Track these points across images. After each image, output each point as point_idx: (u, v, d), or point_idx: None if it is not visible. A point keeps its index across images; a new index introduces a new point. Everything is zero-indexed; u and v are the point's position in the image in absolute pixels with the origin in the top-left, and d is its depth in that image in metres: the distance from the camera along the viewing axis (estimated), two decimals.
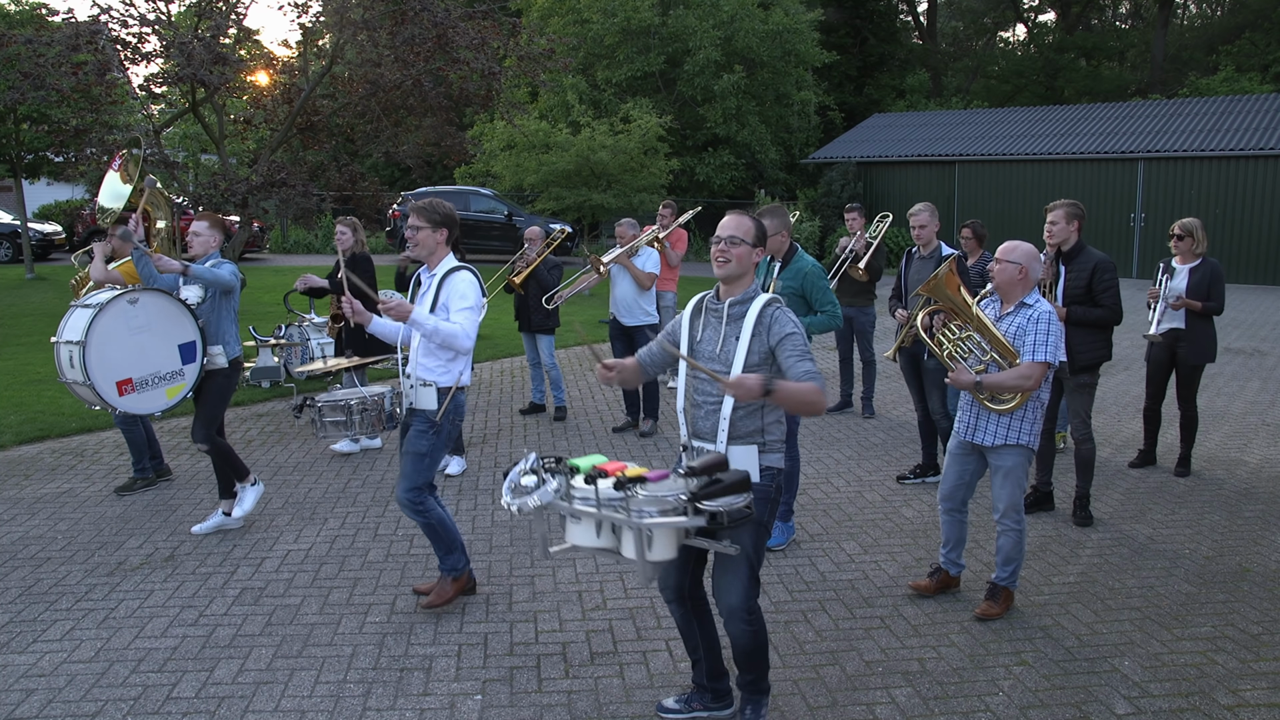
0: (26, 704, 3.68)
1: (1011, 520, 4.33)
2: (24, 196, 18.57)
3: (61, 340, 5.16)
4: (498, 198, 22.27)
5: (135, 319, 5.18)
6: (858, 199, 22.64)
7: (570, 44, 19.78)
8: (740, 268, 3.30)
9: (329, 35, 13.42)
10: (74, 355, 5.08)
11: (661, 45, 25.36)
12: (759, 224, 3.33)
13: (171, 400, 5.37)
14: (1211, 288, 6.23)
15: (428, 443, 4.33)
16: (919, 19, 42.25)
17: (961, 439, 4.43)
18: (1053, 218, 5.48)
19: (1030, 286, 4.34)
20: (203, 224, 5.52)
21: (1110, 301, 5.36)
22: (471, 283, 4.34)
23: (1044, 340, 4.16)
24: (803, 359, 3.19)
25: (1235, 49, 33.60)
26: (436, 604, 4.43)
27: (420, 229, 4.31)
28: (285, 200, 11.04)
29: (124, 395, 5.17)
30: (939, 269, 4.51)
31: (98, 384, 5.07)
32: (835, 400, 8.56)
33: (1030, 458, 4.32)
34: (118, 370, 5.15)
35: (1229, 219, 19.48)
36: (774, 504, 3.33)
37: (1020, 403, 4.20)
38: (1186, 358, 6.37)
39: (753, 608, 3.30)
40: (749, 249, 3.29)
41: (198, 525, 5.52)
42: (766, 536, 3.34)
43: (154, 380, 5.27)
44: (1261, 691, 3.76)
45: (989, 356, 4.31)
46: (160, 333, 5.27)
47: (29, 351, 10.92)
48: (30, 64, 10.40)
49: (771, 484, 3.30)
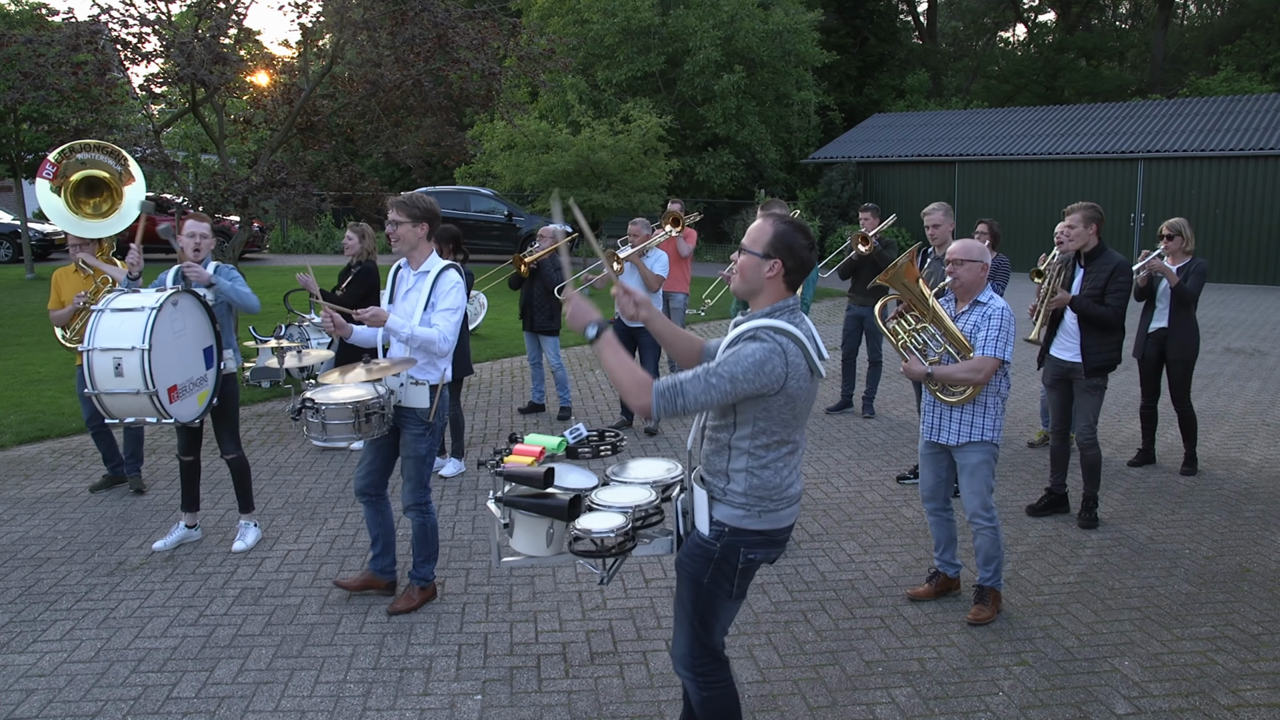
0: (26, 704, 3.68)
1: (983, 518, 4.35)
2: (24, 196, 18.58)
3: (98, 348, 4.51)
4: (498, 198, 22.26)
5: (177, 322, 4.77)
6: (858, 199, 22.65)
7: (570, 44, 19.78)
8: (746, 283, 2.80)
9: (329, 35, 13.41)
10: (125, 362, 4.50)
11: (662, 45, 25.35)
12: (783, 230, 2.76)
13: (202, 407, 4.94)
14: (1192, 278, 6.35)
15: (426, 444, 4.36)
16: (919, 19, 42.26)
17: (927, 439, 4.48)
18: (1071, 221, 5.47)
19: (985, 284, 4.39)
20: (204, 226, 5.31)
21: (1116, 303, 5.38)
22: (457, 284, 4.33)
23: (996, 336, 4.22)
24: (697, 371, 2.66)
25: (1235, 49, 33.60)
26: (403, 609, 4.44)
27: (400, 224, 4.25)
28: (285, 200, 11.02)
29: (174, 402, 4.69)
30: (898, 258, 4.53)
31: (161, 393, 4.54)
32: (835, 400, 8.57)
33: (995, 454, 4.35)
34: (168, 376, 4.66)
35: (1229, 219, 19.48)
36: (721, 565, 2.80)
37: (971, 396, 4.24)
38: (1174, 354, 6.46)
39: (701, 671, 2.90)
40: (758, 260, 2.76)
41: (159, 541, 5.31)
42: (712, 599, 2.85)
43: (190, 386, 4.84)
44: (1261, 691, 3.76)
45: (942, 349, 4.36)
46: (192, 336, 4.90)
47: (29, 351, 10.92)
48: (30, 64, 10.38)
49: (716, 542, 2.79)
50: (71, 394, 8.82)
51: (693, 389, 2.63)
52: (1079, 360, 5.51)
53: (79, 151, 5.69)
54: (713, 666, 2.92)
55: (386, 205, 4.34)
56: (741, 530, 2.79)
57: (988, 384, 4.25)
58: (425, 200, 4.31)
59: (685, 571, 2.88)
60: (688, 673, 2.94)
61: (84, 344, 4.56)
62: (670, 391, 2.64)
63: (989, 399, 4.28)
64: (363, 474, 4.49)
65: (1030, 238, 19.93)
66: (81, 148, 5.71)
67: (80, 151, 5.66)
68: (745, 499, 2.78)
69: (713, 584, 2.83)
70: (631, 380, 2.68)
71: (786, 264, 2.75)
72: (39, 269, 18.76)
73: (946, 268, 4.41)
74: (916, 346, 4.47)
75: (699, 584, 2.84)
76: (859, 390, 8.49)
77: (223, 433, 5.27)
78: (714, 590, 2.84)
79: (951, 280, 4.39)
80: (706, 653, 2.91)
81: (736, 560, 2.81)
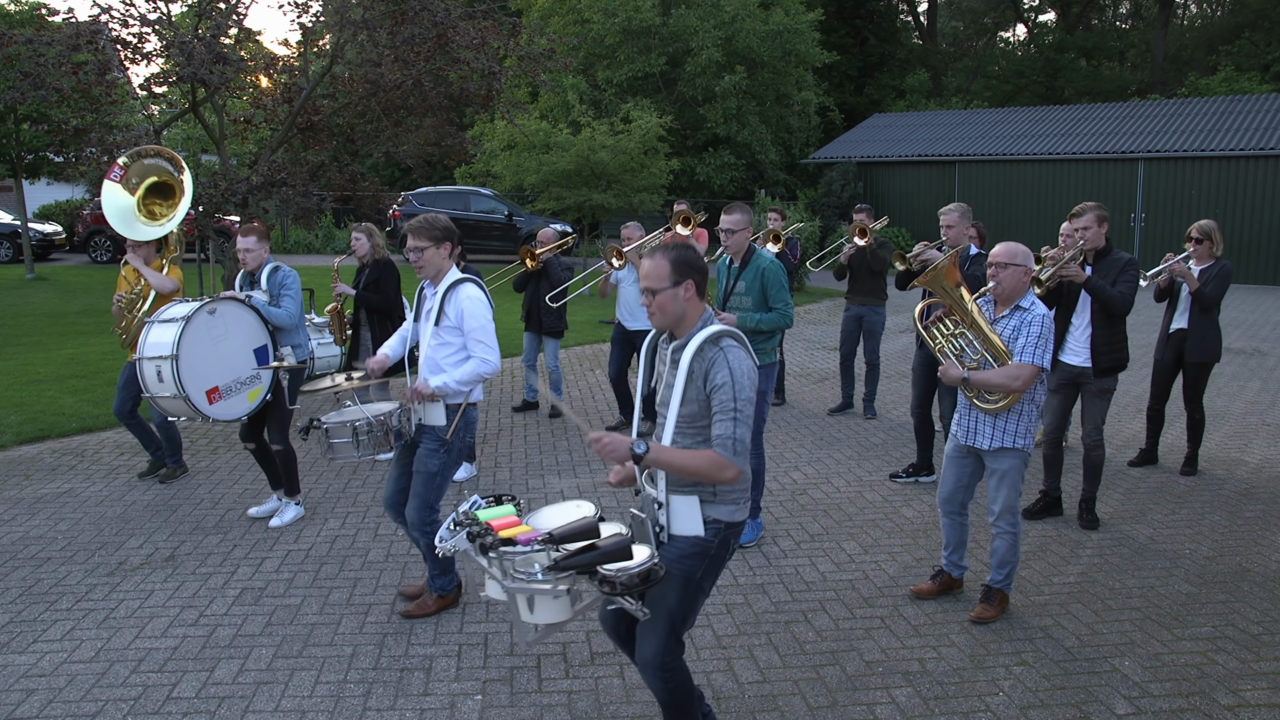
0: (27, 704, 3.68)
1: (1007, 523, 4.33)
2: (24, 196, 18.58)
3: (145, 357, 5.29)
4: (498, 198, 22.25)
5: (215, 328, 5.40)
6: (858, 199, 22.63)
7: (571, 44, 19.76)
8: (670, 315, 2.95)
9: (329, 35, 13.42)
10: (163, 369, 5.23)
11: (662, 45, 25.34)
12: (676, 258, 2.93)
13: (253, 403, 5.55)
14: (1214, 282, 6.30)
15: (438, 461, 4.25)
16: (919, 19, 42.25)
17: (959, 443, 4.42)
18: (1085, 223, 5.40)
19: (1028, 288, 4.32)
20: (250, 239, 5.58)
21: (1126, 289, 5.34)
22: (481, 301, 4.24)
23: (1034, 343, 4.13)
24: (724, 418, 2.85)
25: (1235, 49, 33.60)
26: (415, 615, 4.42)
27: (424, 249, 4.17)
28: (285, 200, 11.03)
29: (213, 404, 5.37)
30: (940, 260, 4.47)
31: (192, 395, 5.24)
32: (837, 401, 8.57)
33: (1026, 460, 4.31)
34: (206, 380, 5.33)
35: (1229, 219, 19.47)
36: (714, 560, 2.99)
37: (1009, 404, 4.18)
38: (1192, 356, 6.41)
39: (668, 664, 3.00)
40: (672, 291, 2.92)
41: (255, 509, 5.80)
42: (698, 594, 3.01)
43: (237, 386, 5.48)
44: (1262, 691, 3.76)
45: (980, 355, 4.30)
46: (238, 339, 5.48)
47: (29, 351, 10.92)
48: (30, 64, 10.38)
49: (714, 539, 2.97)
50: (72, 394, 8.82)
51: (741, 431, 2.87)
52: (1089, 365, 5.48)
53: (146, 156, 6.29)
54: (677, 657, 3.04)
55: (405, 231, 4.26)
56: (734, 524, 3.02)
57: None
58: (442, 220, 4.26)
59: (676, 571, 2.95)
60: (659, 674, 3.00)
61: (137, 353, 5.38)
62: (734, 446, 2.86)
63: (1025, 406, 4.20)
64: (389, 490, 4.49)
65: (1030, 238, 19.77)
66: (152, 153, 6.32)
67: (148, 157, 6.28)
68: (735, 494, 3.01)
69: (704, 578, 3.01)
70: (702, 464, 2.86)
71: (696, 279, 2.97)
72: (39, 269, 18.76)
73: (989, 271, 4.30)
74: (954, 351, 4.39)
75: (690, 581, 2.98)
76: (859, 392, 8.49)
77: (271, 424, 5.66)
78: (703, 584, 3.02)
79: (993, 285, 4.28)
80: (677, 645, 3.04)
81: (727, 553, 3.04)
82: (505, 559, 2.71)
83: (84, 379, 9.47)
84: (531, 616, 2.73)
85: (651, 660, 2.99)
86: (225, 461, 6.88)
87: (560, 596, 2.70)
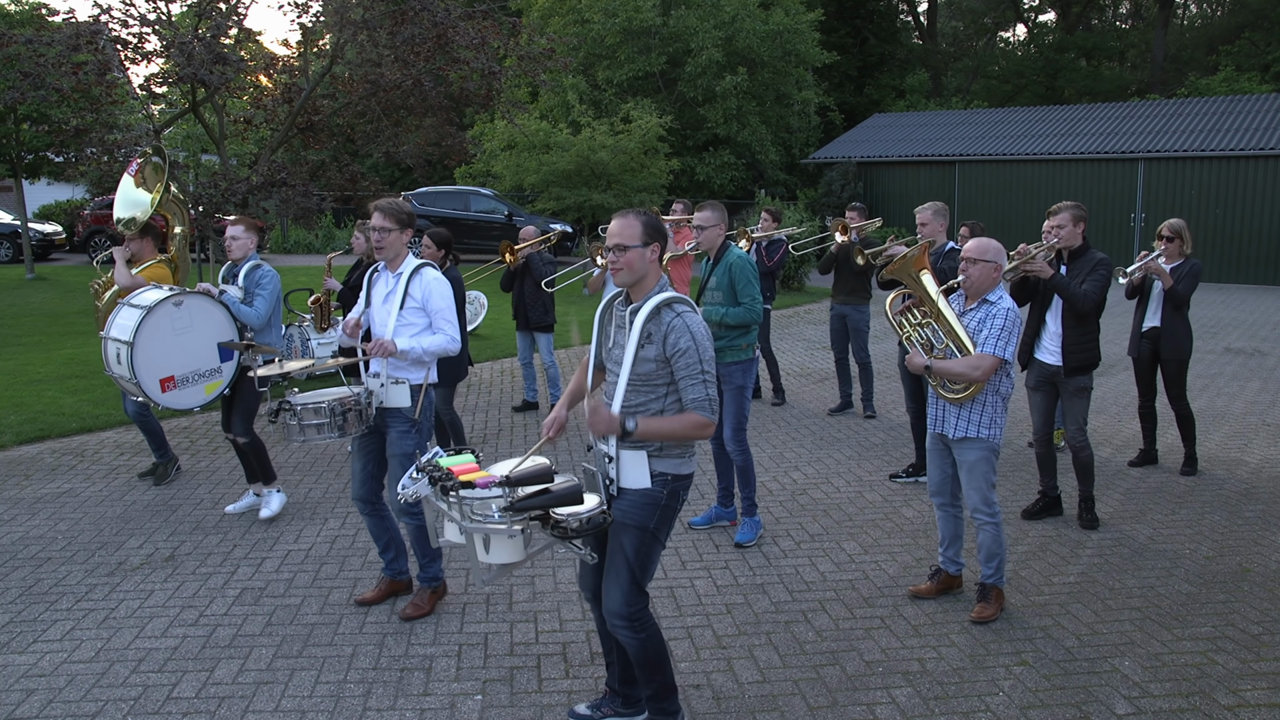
0: (27, 704, 3.68)
1: (984, 514, 4.36)
2: (24, 196, 18.58)
3: (109, 337, 5.43)
4: (498, 198, 22.26)
5: (179, 320, 5.47)
6: (858, 199, 22.63)
7: (571, 44, 19.77)
8: (636, 273, 3.15)
9: (329, 35, 13.42)
10: (121, 353, 5.35)
11: (662, 45, 25.35)
12: (647, 221, 3.16)
13: (209, 396, 5.66)
14: (1185, 280, 6.34)
15: (412, 442, 4.32)
16: (919, 19, 42.25)
17: (933, 432, 4.51)
18: (1059, 221, 5.43)
19: (997, 283, 4.38)
20: (239, 228, 5.67)
21: (1091, 289, 5.34)
22: (445, 283, 4.38)
23: (996, 335, 4.21)
24: (694, 383, 3.07)
25: (1235, 49, 33.61)
26: (414, 615, 4.41)
27: (389, 231, 4.23)
28: (285, 200, 11.05)
29: (166, 392, 5.46)
30: (909, 250, 4.53)
31: (143, 381, 5.35)
32: (836, 402, 8.57)
33: (995, 451, 4.35)
34: (161, 369, 5.42)
35: (1229, 219, 19.48)
36: (665, 510, 3.18)
37: (971, 394, 4.25)
38: (1167, 353, 6.47)
39: (635, 615, 3.16)
40: (641, 250, 3.12)
41: (231, 505, 5.82)
42: (654, 543, 3.19)
43: (194, 377, 5.56)
44: (1262, 691, 3.76)
45: (944, 345, 4.37)
46: (202, 332, 5.55)
47: (29, 351, 10.92)
48: (30, 64, 10.39)
49: (662, 490, 3.16)
50: (72, 394, 8.83)
51: (711, 390, 3.10)
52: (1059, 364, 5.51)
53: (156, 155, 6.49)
54: (643, 607, 3.21)
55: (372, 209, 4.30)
56: (681, 475, 3.21)
57: (988, 382, 4.25)
58: (406, 205, 4.39)
59: (630, 521, 3.15)
60: (624, 621, 3.17)
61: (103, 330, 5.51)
62: (709, 405, 3.09)
63: (989, 397, 4.28)
64: (357, 483, 4.48)
65: (1030, 238, 19.81)
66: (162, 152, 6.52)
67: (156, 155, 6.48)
68: (680, 448, 3.20)
69: (658, 528, 3.19)
70: (686, 428, 3.09)
71: (661, 244, 3.20)
72: (39, 269, 18.76)
73: (960, 265, 4.41)
74: (920, 341, 4.48)
75: (644, 530, 3.16)
76: (856, 391, 8.49)
77: (233, 415, 5.71)
78: (657, 534, 3.20)
79: (963, 279, 4.38)
80: (641, 595, 3.20)
81: (677, 503, 3.23)
82: (465, 502, 2.86)
83: (84, 379, 9.48)
84: (487, 557, 2.90)
85: (619, 610, 3.16)
86: (225, 461, 6.88)
87: (515, 537, 2.86)
